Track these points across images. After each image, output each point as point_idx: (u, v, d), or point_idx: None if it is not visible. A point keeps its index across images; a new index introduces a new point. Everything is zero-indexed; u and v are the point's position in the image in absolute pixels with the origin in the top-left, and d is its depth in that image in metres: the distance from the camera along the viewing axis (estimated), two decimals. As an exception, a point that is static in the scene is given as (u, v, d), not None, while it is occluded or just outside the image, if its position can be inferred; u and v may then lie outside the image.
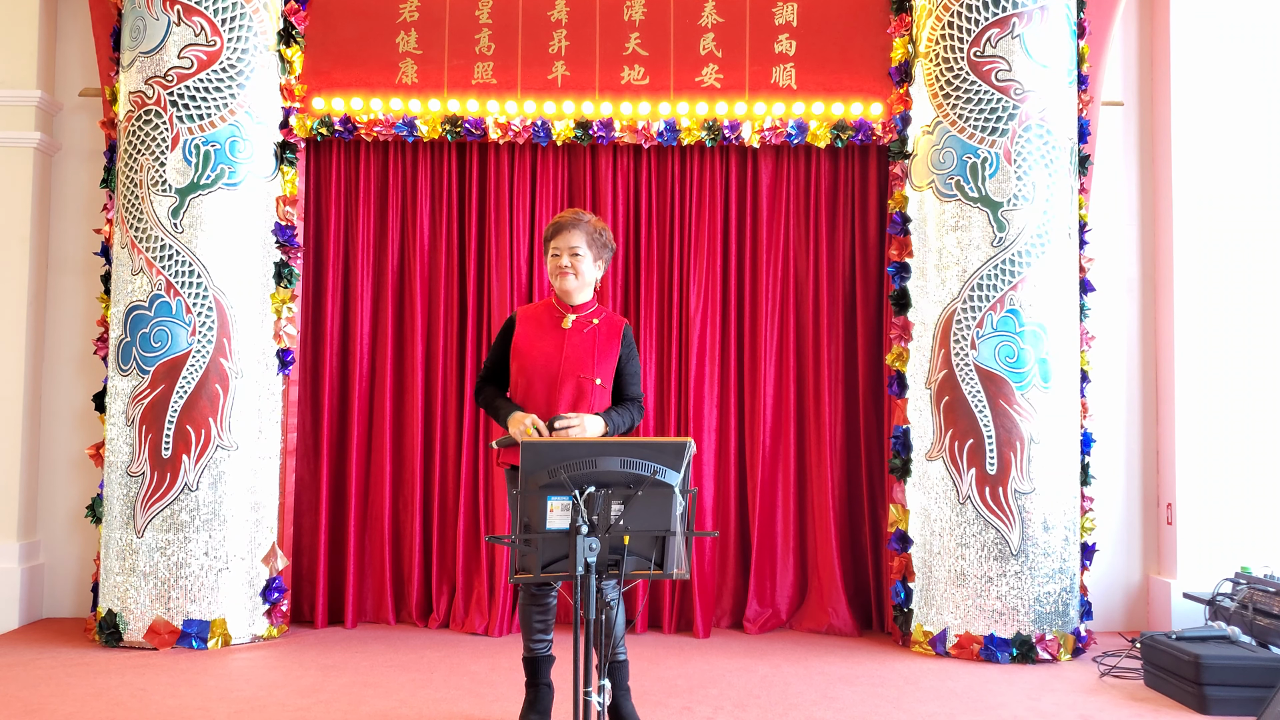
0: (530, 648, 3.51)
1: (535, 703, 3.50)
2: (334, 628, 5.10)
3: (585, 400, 3.46)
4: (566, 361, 3.46)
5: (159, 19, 4.76)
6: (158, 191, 4.73)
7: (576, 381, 3.45)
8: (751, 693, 4.06)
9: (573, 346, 3.49)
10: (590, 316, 3.56)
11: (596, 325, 3.54)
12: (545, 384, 3.46)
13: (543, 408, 3.45)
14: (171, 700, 3.88)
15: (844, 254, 5.28)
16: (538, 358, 3.48)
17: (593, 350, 3.49)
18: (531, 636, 3.51)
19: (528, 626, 3.51)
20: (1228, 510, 5.11)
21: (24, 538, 5.22)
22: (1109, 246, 5.40)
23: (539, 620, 3.50)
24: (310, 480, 5.20)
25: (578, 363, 3.46)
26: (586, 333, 3.52)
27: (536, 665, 3.52)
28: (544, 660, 3.53)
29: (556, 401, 3.44)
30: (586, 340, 3.50)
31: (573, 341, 3.49)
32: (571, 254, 3.51)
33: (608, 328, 3.55)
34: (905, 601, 4.84)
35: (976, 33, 4.71)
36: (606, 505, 2.83)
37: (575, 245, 3.51)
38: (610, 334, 3.54)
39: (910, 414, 4.89)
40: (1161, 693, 4.10)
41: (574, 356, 3.47)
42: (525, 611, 3.51)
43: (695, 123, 5.08)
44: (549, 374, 3.46)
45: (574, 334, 3.50)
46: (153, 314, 4.69)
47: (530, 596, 3.49)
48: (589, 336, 3.51)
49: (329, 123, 5.08)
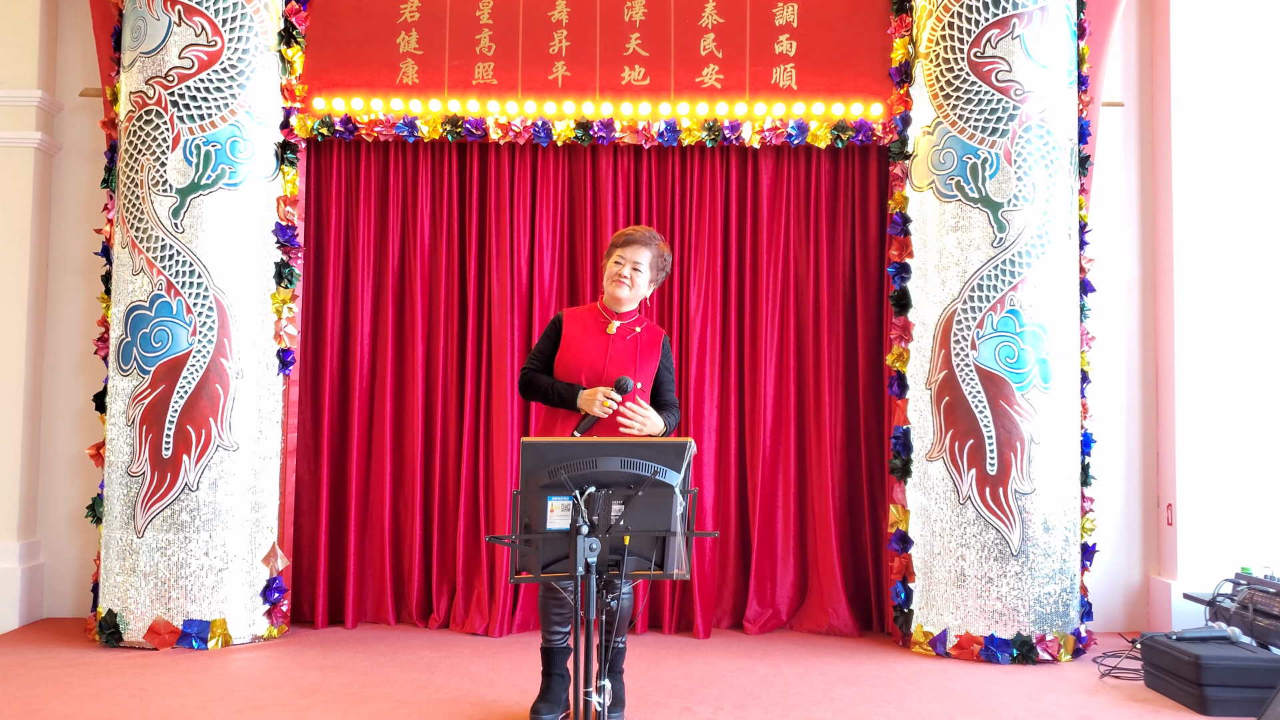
0: (547, 638, 3.62)
1: (548, 691, 3.60)
2: (334, 628, 5.10)
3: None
4: (611, 364, 3.66)
5: (160, 19, 4.76)
6: (158, 191, 4.73)
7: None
8: (751, 693, 4.06)
9: (617, 351, 3.69)
10: (633, 325, 3.77)
11: (639, 333, 3.75)
12: (590, 384, 3.62)
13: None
14: (171, 700, 3.88)
15: (844, 254, 5.28)
16: (583, 358, 3.67)
17: (635, 356, 3.69)
18: (549, 628, 3.61)
19: (546, 618, 3.62)
20: (1228, 511, 5.11)
21: (24, 538, 5.22)
22: (1109, 247, 5.40)
23: (556, 613, 3.60)
24: (310, 480, 5.20)
25: (622, 366, 3.66)
26: (629, 339, 3.73)
27: (552, 656, 3.62)
28: (560, 651, 3.62)
29: None
30: (630, 346, 3.71)
31: (617, 346, 3.70)
32: (634, 267, 3.71)
33: (649, 336, 3.77)
34: (905, 602, 4.84)
35: (977, 33, 4.72)
36: (607, 505, 2.83)
37: (639, 260, 3.71)
38: (651, 342, 3.76)
39: (910, 414, 4.89)
40: (1162, 693, 4.10)
41: (618, 360, 3.67)
42: (544, 604, 3.62)
43: (696, 123, 5.09)
44: (594, 374, 3.64)
45: (618, 339, 3.71)
46: (153, 314, 4.69)
47: (549, 589, 3.59)
48: (632, 343, 3.72)
49: (330, 123, 5.08)
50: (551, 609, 3.59)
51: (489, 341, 5.18)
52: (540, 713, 3.53)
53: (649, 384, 3.71)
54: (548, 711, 3.53)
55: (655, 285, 3.80)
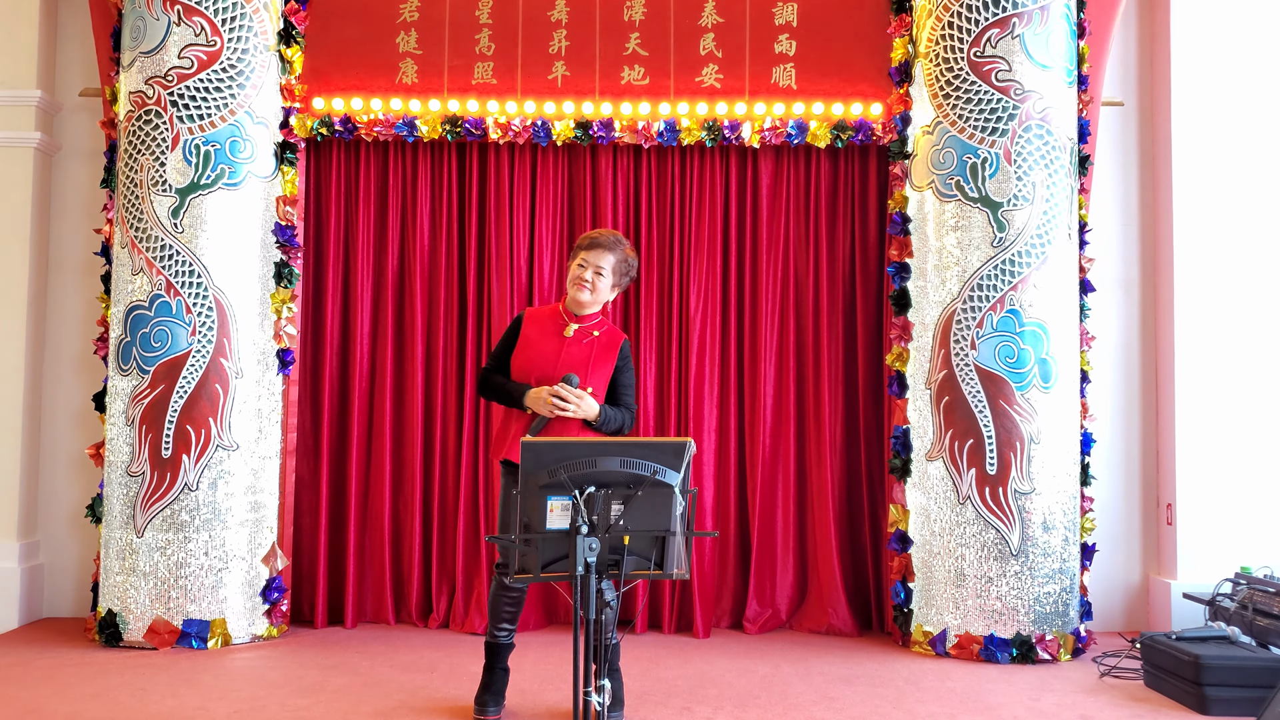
0: (494, 634, 3.68)
1: (491, 684, 3.68)
2: (334, 628, 5.10)
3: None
4: (563, 367, 3.63)
5: (159, 19, 4.76)
6: (158, 191, 4.73)
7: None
8: (751, 693, 4.06)
9: (570, 354, 3.67)
10: (592, 329, 3.74)
11: (596, 337, 3.73)
12: (539, 385, 3.60)
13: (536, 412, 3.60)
14: (171, 700, 3.88)
15: (844, 254, 5.28)
16: (536, 359, 3.66)
17: (589, 360, 3.67)
18: (498, 624, 3.67)
19: (496, 614, 3.66)
20: (1227, 511, 5.11)
21: (24, 537, 5.22)
22: (1109, 246, 5.40)
23: (508, 609, 3.66)
24: (310, 480, 5.20)
25: (572, 369, 3.63)
26: (585, 343, 3.71)
27: (499, 651, 3.70)
28: (506, 648, 3.70)
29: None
30: (584, 350, 3.69)
31: (570, 350, 3.68)
32: (596, 271, 3.69)
33: (606, 340, 3.74)
34: (905, 601, 4.84)
35: (976, 33, 4.71)
36: (606, 505, 2.83)
37: (602, 265, 3.69)
38: (608, 346, 3.73)
39: (910, 414, 4.89)
40: (1161, 693, 4.10)
41: (570, 363, 3.65)
42: (496, 599, 3.65)
43: (695, 123, 5.08)
44: (544, 376, 3.62)
45: (574, 343, 3.69)
46: (153, 314, 4.69)
47: (503, 587, 3.63)
48: (587, 347, 3.70)
49: (329, 123, 5.08)
50: (503, 605, 3.64)
51: (489, 341, 5.18)
52: (487, 705, 3.63)
53: (602, 387, 3.66)
54: (494, 703, 3.65)
55: (619, 290, 3.77)
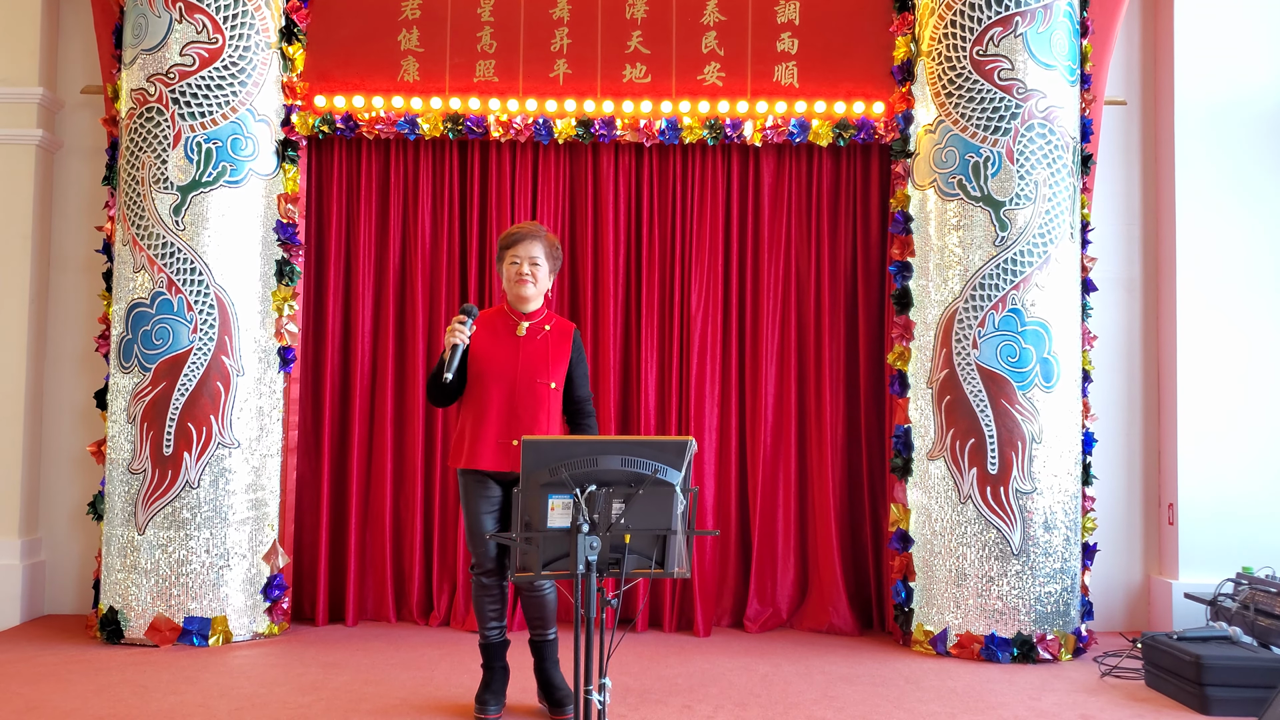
0: (485, 635, 3.73)
1: (491, 682, 3.74)
2: (335, 625, 5.10)
3: (542, 403, 3.64)
4: (523, 368, 3.65)
5: (161, 16, 4.76)
6: (159, 189, 4.73)
7: (532, 386, 3.64)
8: (752, 691, 4.06)
9: (527, 354, 3.68)
10: (542, 324, 3.75)
11: (548, 331, 3.74)
12: (503, 389, 3.64)
13: (501, 412, 3.62)
14: (172, 697, 3.88)
15: (846, 253, 5.28)
16: (494, 364, 3.66)
17: (546, 356, 3.69)
18: (486, 625, 3.72)
19: (483, 616, 3.71)
20: (1229, 511, 5.10)
21: (25, 534, 5.22)
22: (1111, 246, 5.40)
23: (493, 609, 3.70)
24: (311, 478, 5.20)
25: (533, 369, 3.66)
26: (539, 339, 3.71)
27: (493, 650, 3.74)
28: (500, 645, 3.74)
29: (515, 405, 3.63)
30: (540, 346, 3.70)
31: (527, 349, 3.69)
32: (531, 263, 3.70)
33: (558, 333, 3.75)
34: (906, 601, 4.84)
35: (979, 31, 4.71)
36: (608, 504, 2.83)
37: (535, 255, 3.71)
38: (561, 339, 3.75)
39: (911, 413, 4.89)
40: (1162, 693, 4.10)
41: (529, 363, 3.66)
42: (479, 602, 3.70)
43: (697, 121, 5.08)
44: (507, 379, 3.64)
45: (528, 341, 3.70)
46: (154, 311, 4.69)
47: (482, 588, 3.67)
48: (542, 343, 3.71)
49: (331, 120, 5.08)
50: (487, 607, 3.68)
51: (490, 339, 5.18)
52: (488, 704, 3.67)
53: (561, 381, 3.69)
54: (494, 703, 3.68)
55: (553, 276, 3.78)
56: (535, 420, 3.61)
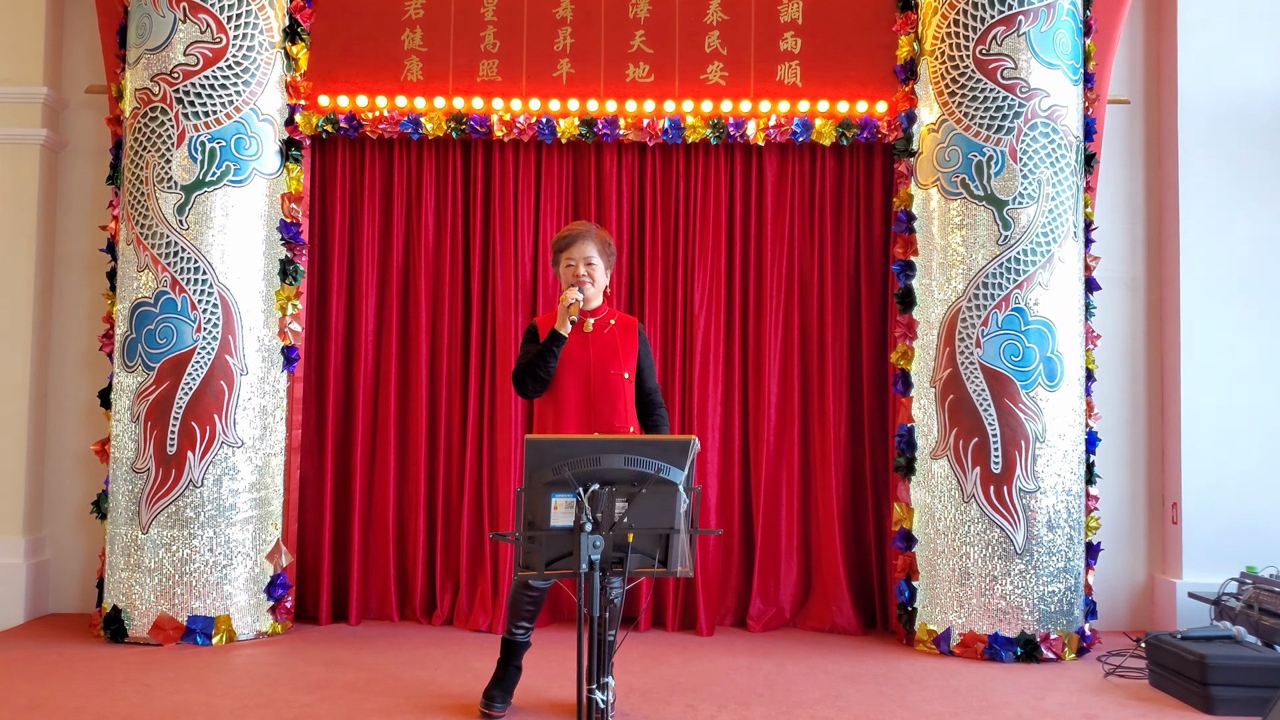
0: (513, 632, 3.72)
1: (503, 680, 3.73)
2: (338, 624, 5.10)
3: (618, 394, 3.70)
4: (596, 361, 3.71)
5: (165, 16, 4.77)
6: (163, 188, 4.74)
7: (606, 377, 3.70)
8: (755, 691, 4.06)
9: (599, 347, 3.74)
10: (606, 319, 3.80)
11: (614, 325, 3.79)
12: (579, 382, 3.69)
13: (580, 405, 3.67)
14: (176, 696, 3.88)
15: (849, 252, 5.28)
16: (568, 359, 3.70)
17: (617, 349, 3.74)
18: (517, 623, 3.70)
19: (517, 614, 3.70)
20: (1233, 510, 5.09)
21: (30, 533, 5.23)
22: (1115, 245, 5.39)
23: (528, 608, 3.69)
24: (314, 477, 5.21)
25: (606, 361, 3.72)
26: (607, 333, 3.77)
27: (515, 649, 3.74)
28: (522, 646, 3.75)
29: (594, 398, 3.68)
30: (609, 340, 3.76)
31: (598, 343, 3.75)
32: (587, 263, 3.75)
33: (624, 327, 3.81)
34: (909, 600, 4.84)
35: (982, 30, 4.71)
36: (611, 503, 2.83)
37: (590, 255, 3.75)
38: (628, 332, 3.80)
39: (915, 412, 4.88)
40: (1166, 692, 4.09)
41: (602, 356, 3.72)
42: (517, 597, 3.69)
43: (700, 120, 5.08)
44: (582, 373, 3.70)
45: (596, 335, 3.76)
46: (158, 310, 4.70)
47: (524, 584, 3.65)
48: (610, 337, 3.76)
49: (334, 120, 5.08)
50: (524, 605, 3.68)
51: (493, 339, 5.19)
52: (495, 700, 3.68)
53: (634, 371, 3.75)
54: (502, 699, 3.70)
55: (609, 271, 3.82)
56: (614, 410, 3.66)
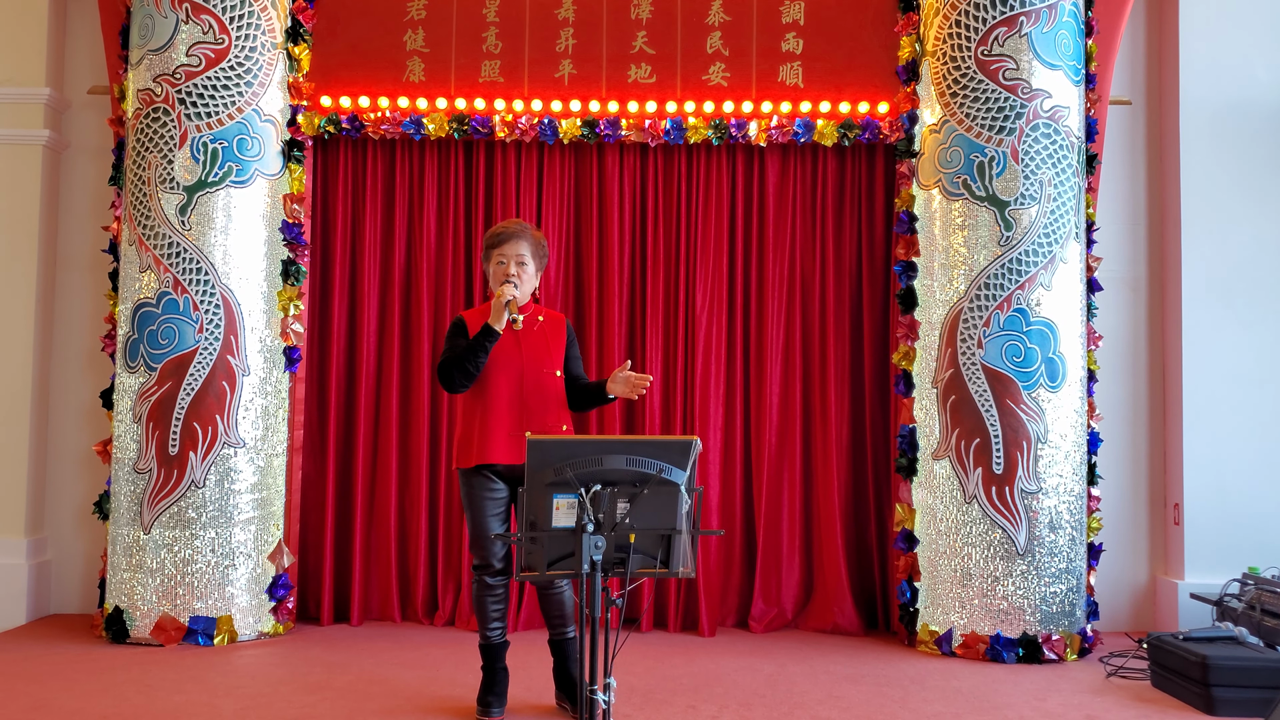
0: (487, 635, 3.71)
1: (493, 684, 3.72)
2: (340, 625, 5.11)
3: (550, 392, 3.71)
4: (527, 359, 3.70)
5: (167, 17, 4.77)
6: (165, 189, 4.74)
7: (539, 376, 3.69)
8: (757, 692, 4.06)
9: (529, 345, 3.73)
10: (534, 315, 3.81)
11: (542, 322, 3.80)
12: (510, 380, 3.67)
13: (512, 404, 3.66)
14: (177, 696, 3.89)
15: (850, 253, 5.28)
16: (498, 357, 3.68)
17: (547, 346, 3.76)
18: (488, 625, 3.71)
19: (485, 617, 3.70)
20: (1235, 511, 5.09)
21: (31, 534, 5.23)
22: (1117, 246, 5.39)
23: (495, 609, 3.70)
24: (316, 478, 5.21)
25: (537, 359, 3.72)
26: (536, 330, 3.77)
27: (495, 651, 3.73)
28: (501, 646, 3.74)
29: (525, 396, 3.67)
30: (539, 337, 3.76)
31: (528, 340, 3.74)
32: (518, 262, 3.72)
33: (552, 324, 3.82)
34: (911, 601, 4.84)
35: (984, 31, 4.70)
36: (612, 503, 2.83)
37: (522, 253, 3.73)
38: (556, 329, 3.82)
39: (916, 413, 4.88)
40: (1168, 693, 4.09)
41: (532, 354, 3.72)
42: (481, 602, 3.69)
43: (702, 121, 5.08)
44: (513, 372, 3.68)
45: (527, 333, 3.74)
46: (160, 311, 4.70)
47: (486, 588, 3.67)
48: (539, 334, 3.77)
49: (336, 120, 5.09)
50: (490, 606, 3.68)
51: (495, 339, 5.18)
52: (490, 705, 3.67)
53: (562, 368, 3.75)
54: (498, 703, 3.69)
55: (540, 273, 3.81)
56: (546, 409, 3.67)
